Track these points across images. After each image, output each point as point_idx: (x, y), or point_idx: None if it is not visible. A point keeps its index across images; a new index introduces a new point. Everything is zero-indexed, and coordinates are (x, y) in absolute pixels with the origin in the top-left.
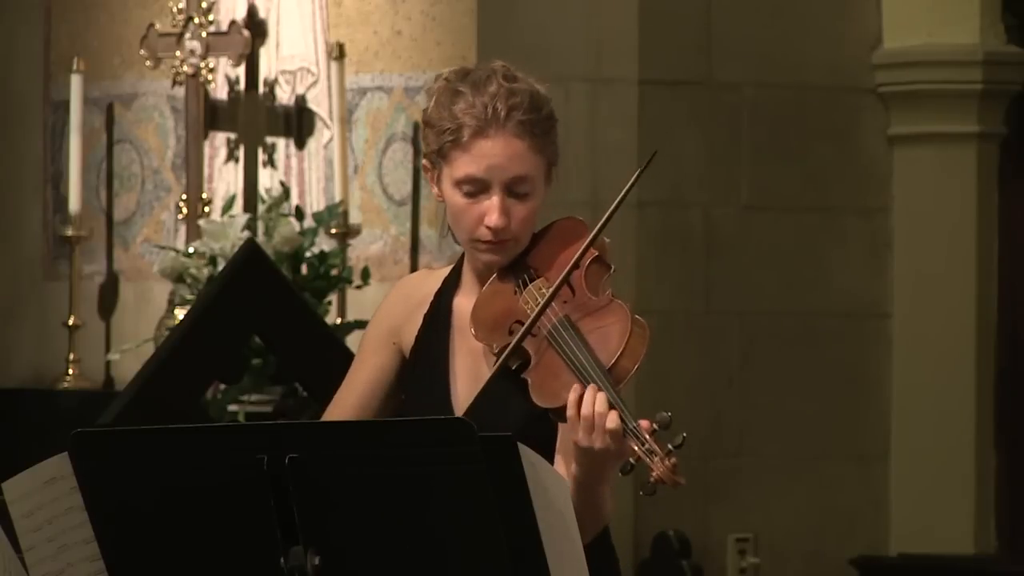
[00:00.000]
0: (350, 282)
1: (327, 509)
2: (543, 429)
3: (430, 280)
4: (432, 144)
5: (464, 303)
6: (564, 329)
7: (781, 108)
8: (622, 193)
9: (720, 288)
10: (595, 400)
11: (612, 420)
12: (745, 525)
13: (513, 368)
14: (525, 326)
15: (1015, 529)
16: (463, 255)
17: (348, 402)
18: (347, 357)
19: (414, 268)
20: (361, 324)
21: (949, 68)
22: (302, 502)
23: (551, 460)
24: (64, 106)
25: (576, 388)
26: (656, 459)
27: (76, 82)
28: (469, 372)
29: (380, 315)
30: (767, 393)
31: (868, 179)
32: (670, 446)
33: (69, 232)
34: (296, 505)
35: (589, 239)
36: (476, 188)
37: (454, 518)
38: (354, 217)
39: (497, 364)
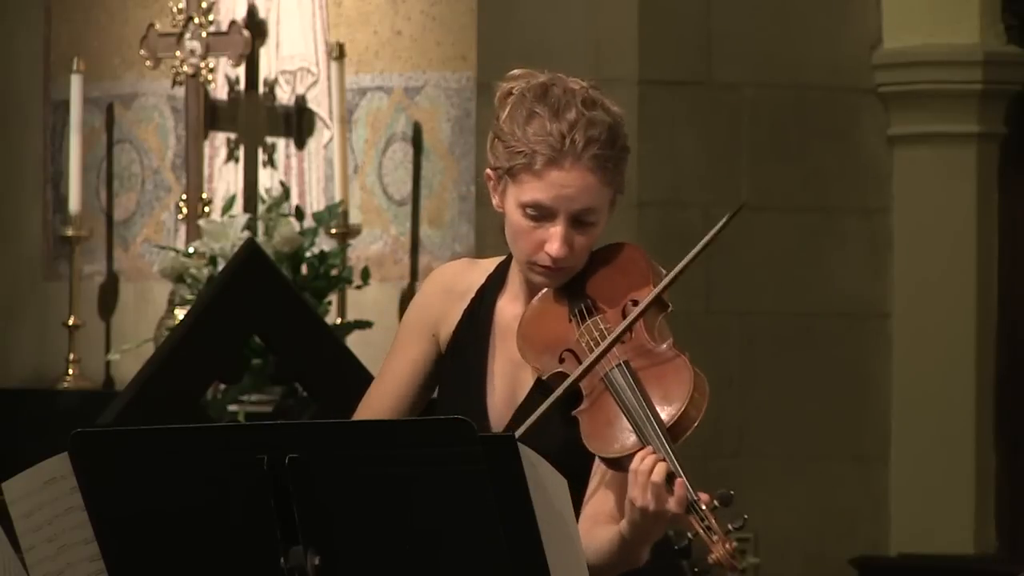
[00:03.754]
0: (350, 282)
1: (327, 509)
2: (578, 460)
3: (472, 273)
4: (502, 160)
5: (508, 307)
6: (623, 376)
7: (781, 108)
8: (706, 238)
9: (720, 288)
10: (655, 464)
11: (678, 499)
12: (745, 525)
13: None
14: (582, 368)
15: (1015, 529)
16: (510, 256)
17: (386, 391)
18: (347, 357)
19: (414, 268)
20: (361, 324)
21: (949, 68)
22: (302, 502)
23: (583, 493)
24: (64, 106)
25: (641, 452)
26: (716, 539)
27: (76, 82)
28: (507, 378)
29: (419, 304)
30: (767, 393)
31: (868, 179)
32: (730, 527)
33: (69, 232)
34: (296, 505)
35: (658, 289)
36: (541, 214)
37: (454, 518)
38: (354, 217)
39: (549, 401)
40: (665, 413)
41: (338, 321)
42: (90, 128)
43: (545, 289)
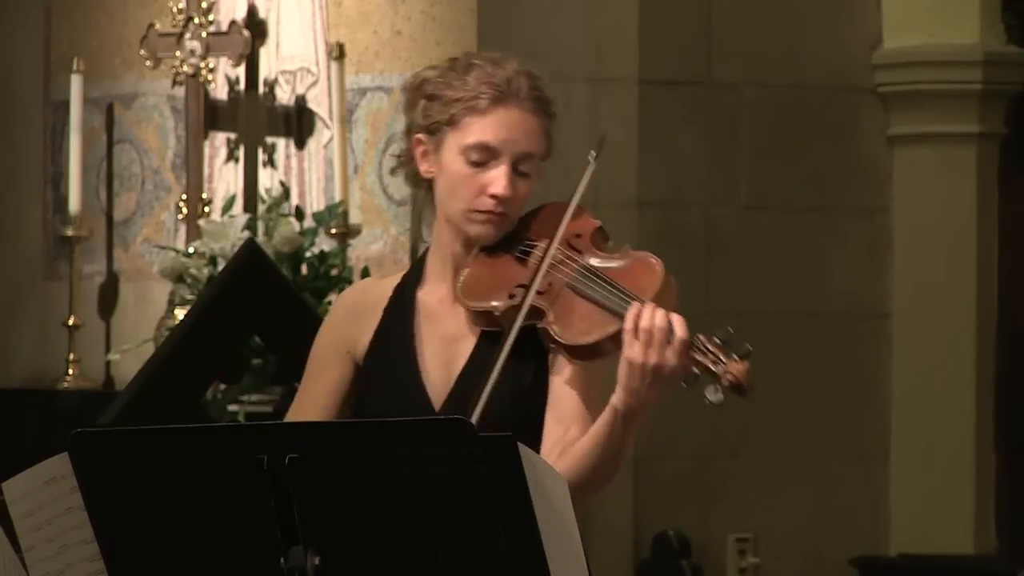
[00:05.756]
0: (350, 282)
1: (327, 509)
2: (526, 407)
3: (378, 287)
4: (437, 114)
5: (431, 293)
6: (588, 275)
7: (781, 108)
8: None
9: (720, 288)
10: (654, 312)
11: (679, 328)
12: (745, 525)
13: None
14: (537, 275)
15: (1015, 529)
16: (425, 252)
17: (306, 418)
18: None
19: None
20: None
21: (949, 68)
22: (302, 502)
23: (534, 436)
24: (64, 106)
25: (635, 305)
26: (728, 364)
27: (76, 82)
28: (440, 358)
29: (327, 329)
30: (767, 393)
31: (868, 179)
32: (735, 355)
33: (69, 232)
34: (296, 505)
35: (578, 195)
36: (484, 157)
37: (454, 518)
38: (354, 217)
39: (517, 324)
40: (643, 292)
41: None
42: (90, 128)
43: (475, 253)
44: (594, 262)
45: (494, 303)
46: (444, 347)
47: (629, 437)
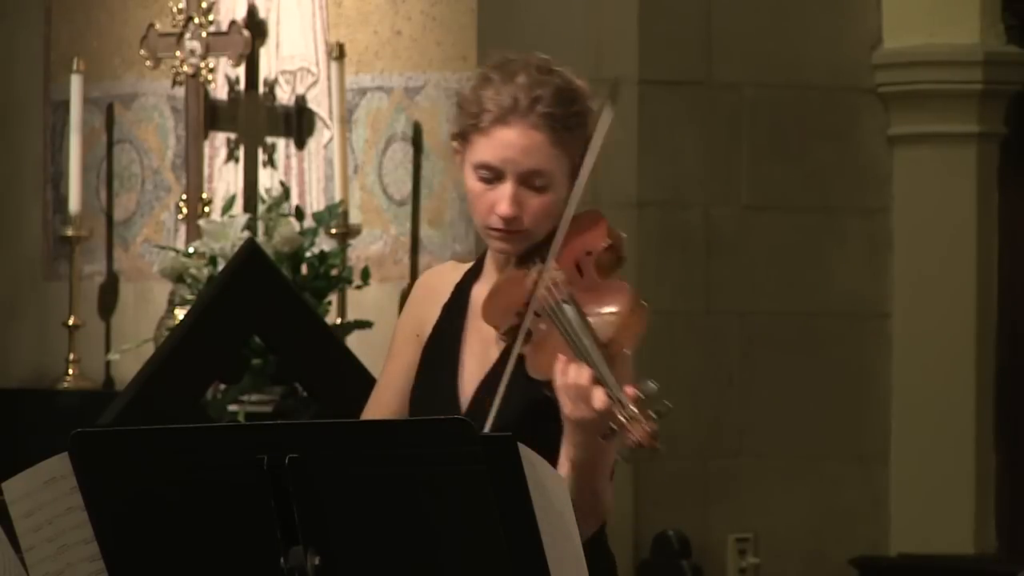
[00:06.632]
0: (350, 282)
1: (327, 509)
2: (542, 420)
3: (454, 272)
4: (458, 126)
5: (482, 291)
6: (566, 305)
7: (781, 108)
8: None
9: (720, 288)
10: (579, 371)
11: (598, 397)
12: (745, 525)
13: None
14: (529, 304)
15: (1015, 529)
16: (487, 247)
17: (385, 397)
18: (347, 357)
19: (414, 268)
20: (361, 324)
21: (949, 68)
22: (302, 502)
23: (550, 451)
24: (64, 106)
25: (562, 359)
26: (636, 424)
27: (76, 82)
28: (478, 357)
29: (407, 309)
30: (767, 393)
31: (868, 179)
32: (651, 412)
33: (69, 232)
34: (296, 505)
35: (593, 153)
36: (490, 175)
37: (454, 518)
38: (354, 217)
39: (508, 346)
40: (601, 332)
41: (338, 321)
42: (90, 128)
43: (511, 263)
44: (579, 294)
45: (499, 323)
46: (483, 347)
47: (599, 487)
